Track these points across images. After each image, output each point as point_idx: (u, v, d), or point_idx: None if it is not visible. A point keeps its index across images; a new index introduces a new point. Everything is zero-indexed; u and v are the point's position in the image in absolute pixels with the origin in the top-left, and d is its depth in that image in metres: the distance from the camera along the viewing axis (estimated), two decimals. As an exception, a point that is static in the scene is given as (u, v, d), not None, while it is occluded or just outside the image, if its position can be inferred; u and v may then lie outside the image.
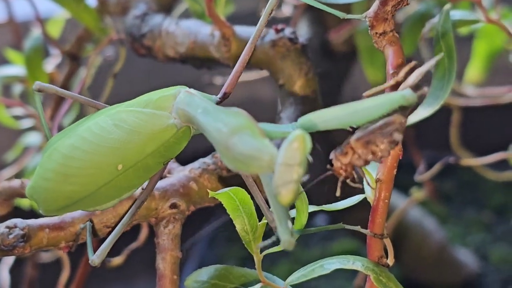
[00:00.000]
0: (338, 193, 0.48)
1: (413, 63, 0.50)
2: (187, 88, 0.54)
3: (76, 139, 0.56)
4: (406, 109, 0.46)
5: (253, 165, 0.45)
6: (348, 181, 0.47)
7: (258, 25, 0.56)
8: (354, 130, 0.47)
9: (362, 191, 0.55)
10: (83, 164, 0.55)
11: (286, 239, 0.46)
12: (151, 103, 0.54)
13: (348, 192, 0.54)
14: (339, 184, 0.48)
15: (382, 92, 0.51)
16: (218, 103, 0.54)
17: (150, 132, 0.54)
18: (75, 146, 0.55)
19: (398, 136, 0.45)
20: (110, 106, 0.57)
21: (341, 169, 0.47)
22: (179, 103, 0.53)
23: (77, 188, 0.56)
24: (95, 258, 0.55)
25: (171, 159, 0.56)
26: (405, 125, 0.46)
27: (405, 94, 0.46)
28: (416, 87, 0.48)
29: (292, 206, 0.52)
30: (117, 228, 0.56)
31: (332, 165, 0.47)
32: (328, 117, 0.47)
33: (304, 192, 0.51)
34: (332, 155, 0.47)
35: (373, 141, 0.46)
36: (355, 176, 0.47)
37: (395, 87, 0.50)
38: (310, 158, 0.45)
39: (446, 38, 0.62)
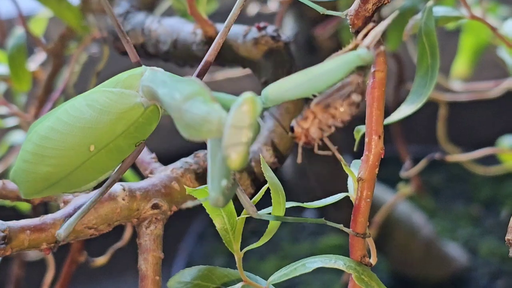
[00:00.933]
0: (299, 160, 0.48)
1: (371, 25, 0.49)
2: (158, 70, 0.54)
3: (53, 120, 0.56)
4: (363, 69, 0.46)
5: (203, 129, 0.45)
6: (316, 150, 0.47)
7: (230, 15, 0.56)
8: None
9: (345, 189, 0.56)
10: (58, 145, 0.55)
11: (214, 196, 0.46)
12: (120, 82, 0.54)
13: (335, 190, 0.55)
14: (299, 150, 0.47)
15: None
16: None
17: (119, 112, 0.53)
18: (52, 127, 0.55)
19: (356, 97, 0.45)
20: (88, 91, 0.57)
21: (302, 133, 0.46)
22: (144, 81, 0.53)
23: (53, 169, 0.56)
24: (61, 231, 0.55)
25: (143, 140, 0.55)
26: (364, 85, 0.46)
27: (360, 53, 0.45)
28: (375, 46, 0.47)
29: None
30: (86, 204, 0.55)
31: (293, 131, 0.46)
32: (289, 86, 0.46)
33: (280, 184, 0.51)
34: (293, 122, 0.46)
35: (332, 104, 0.45)
36: (319, 143, 0.46)
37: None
38: (260, 121, 0.44)
39: (429, 35, 0.62)
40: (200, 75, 0.55)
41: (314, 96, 0.46)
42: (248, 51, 0.65)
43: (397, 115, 0.62)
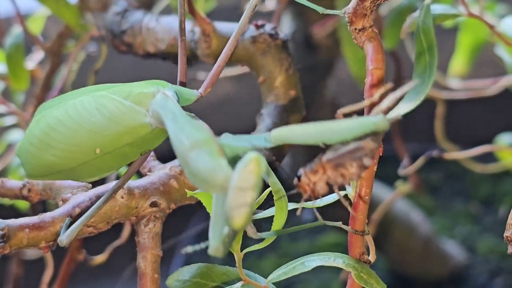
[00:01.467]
0: (298, 213, 0.49)
1: (389, 85, 0.50)
2: (168, 86, 0.53)
3: (61, 112, 0.56)
4: (378, 135, 0.46)
5: (207, 184, 0.45)
6: (313, 204, 0.49)
7: (240, 21, 0.55)
8: (326, 147, 0.47)
9: (343, 188, 0.55)
10: (64, 140, 0.55)
11: (214, 246, 0.47)
12: (131, 96, 0.53)
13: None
14: (301, 203, 0.49)
15: (359, 111, 0.50)
16: (199, 98, 0.54)
17: (127, 125, 0.53)
18: (60, 119, 0.55)
19: (368, 161, 0.45)
20: (99, 85, 0.57)
21: (308, 185, 0.46)
22: (154, 104, 0.52)
23: (57, 160, 0.56)
24: (63, 238, 0.55)
25: (150, 150, 0.55)
26: (376, 151, 0.46)
27: (377, 120, 0.46)
28: (388, 110, 0.48)
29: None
30: (89, 210, 0.56)
31: (299, 180, 0.47)
32: (300, 133, 0.47)
33: (283, 188, 0.52)
34: (301, 171, 0.47)
35: (343, 164, 0.45)
36: (323, 194, 0.47)
37: (370, 106, 0.50)
38: (266, 179, 0.45)
39: (427, 33, 0.62)
40: (213, 80, 0.55)
41: (325, 146, 0.46)
42: (246, 49, 0.65)
43: (396, 111, 0.62)
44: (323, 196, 0.48)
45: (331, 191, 0.54)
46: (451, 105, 1.04)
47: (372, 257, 0.54)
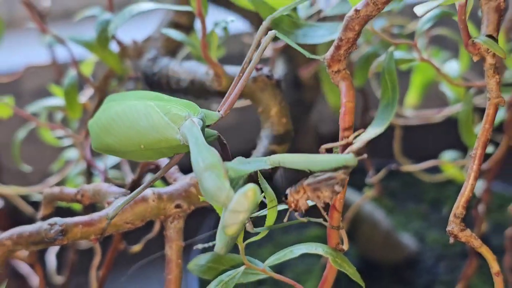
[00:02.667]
0: (285, 220, 0.51)
1: (360, 130, 0.51)
2: (198, 111, 0.54)
3: (120, 109, 0.56)
4: (348, 168, 0.47)
5: (213, 200, 0.45)
6: (296, 214, 0.49)
7: (248, 67, 0.56)
8: (310, 172, 0.48)
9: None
10: (119, 132, 0.56)
11: (219, 246, 0.48)
12: (169, 114, 0.54)
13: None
14: (287, 214, 0.49)
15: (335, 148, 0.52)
16: (220, 118, 0.55)
17: (164, 135, 0.54)
18: (118, 115, 0.56)
19: (338, 188, 0.47)
20: (153, 93, 0.57)
21: (292, 203, 0.48)
22: (184, 127, 0.52)
23: (114, 144, 0.57)
24: (110, 212, 0.56)
25: (181, 153, 0.56)
26: (346, 181, 0.47)
27: (348, 158, 0.47)
28: (358, 152, 0.49)
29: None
30: (132, 193, 0.56)
31: (286, 198, 0.48)
32: (291, 160, 0.48)
33: (273, 192, 0.52)
34: (288, 191, 0.48)
35: (319, 189, 0.47)
36: (304, 209, 0.48)
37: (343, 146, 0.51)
38: (263, 198, 0.46)
39: (390, 73, 0.62)
40: (229, 107, 0.55)
41: (310, 172, 0.48)
42: (248, 86, 0.65)
43: (365, 136, 0.62)
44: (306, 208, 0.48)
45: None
46: (406, 129, 1.04)
47: (345, 246, 0.53)
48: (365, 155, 0.50)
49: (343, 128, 0.52)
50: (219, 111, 0.55)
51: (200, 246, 0.59)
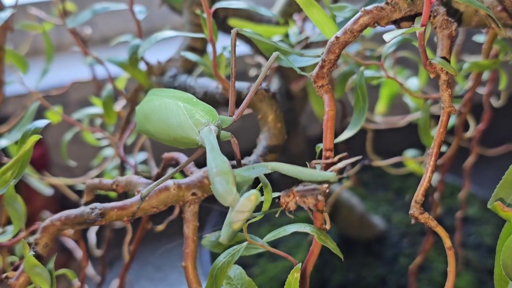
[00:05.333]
0: (277, 215, 0.50)
1: (344, 154, 0.51)
2: (216, 118, 0.53)
3: (157, 104, 0.56)
4: (330, 183, 0.48)
5: (222, 200, 0.45)
6: (286, 212, 0.49)
7: (255, 83, 0.56)
8: (300, 181, 0.49)
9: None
10: (155, 123, 0.56)
11: (223, 237, 0.47)
12: (193, 118, 0.53)
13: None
14: (279, 211, 0.50)
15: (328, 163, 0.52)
16: (233, 122, 0.55)
17: (187, 134, 0.53)
18: (156, 108, 0.56)
19: (320, 198, 0.47)
20: (185, 93, 0.57)
21: (284, 204, 0.48)
22: (202, 133, 0.52)
23: (151, 130, 0.57)
24: (144, 191, 0.55)
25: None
26: (327, 193, 0.48)
27: (331, 175, 0.47)
28: (340, 171, 0.50)
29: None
30: (159, 180, 0.55)
31: (279, 199, 0.49)
32: (286, 168, 0.48)
33: (270, 185, 0.51)
34: (281, 193, 0.48)
35: (305, 196, 0.47)
36: (292, 210, 0.49)
37: (330, 164, 0.51)
38: (261, 199, 0.46)
39: (361, 88, 0.62)
40: (239, 113, 0.55)
41: (300, 181, 0.48)
42: (250, 98, 0.65)
43: (342, 137, 0.62)
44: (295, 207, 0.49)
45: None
46: (376, 132, 1.04)
47: (328, 226, 0.53)
48: (345, 175, 0.51)
49: (326, 148, 0.52)
50: (231, 116, 0.55)
51: (207, 235, 0.59)
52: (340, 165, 0.49)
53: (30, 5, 1.33)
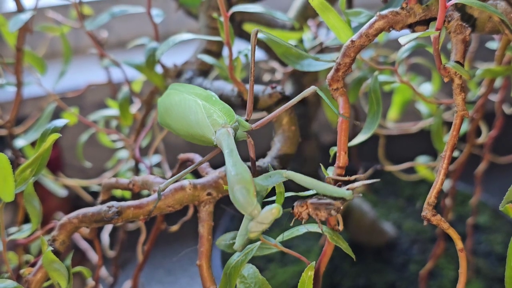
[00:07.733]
0: (291, 224, 0.51)
1: (361, 175, 0.52)
2: (234, 119, 0.53)
3: (177, 99, 0.56)
4: (344, 200, 0.48)
5: (242, 210, 0.45)
6: (303, 222, 0.49)
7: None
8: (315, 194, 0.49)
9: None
10: (174, 117, 0.57)
11: (238, 245, 0.48)
12: (210, 117, 0.53)
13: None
14: (292, 220, 0.50)
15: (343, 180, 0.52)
16: (246, 120, 0.55)
17: (204, 133, 0.54)
18: (176, 103, 0.56)
19: (334, 213, 0.48)
20: (204, 91, 0.56)
21: (297, 213, 0.49)
22: (219, 134, 0.52)
23: (171, 124, 0.58)
24: (162, 185, 0.56)
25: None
26: (341, 209, 0.48)
27: (346, 193, 0.48)
28: (355, 191, 0.50)
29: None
30: (175, 176, 0.55)
31: (293, 209, 0.49)
32: (302, 180, 0.48)
33: (283, 184, 0.51)
34: (296, 203, 0.49)
35: (319, 209, 0.48)
36: (305, 219, 0.49)
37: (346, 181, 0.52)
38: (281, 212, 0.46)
39: (375, 92, 0.63)
40: (262, 123, 0.55)
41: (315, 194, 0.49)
42: (265, 101, 0.65)
43: (356, 141, 0.63)
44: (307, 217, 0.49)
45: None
46: (389, 138, 1.04)
47: (340, 227, 0.54)
48: (360, 194, 0.51)
49: (337, 166, 0.52)
50: (247, 120, 0.55)
51: (220, 242, 0.59)
52: (357, 184, 0.50)
53: (48, 8, 1.34)
